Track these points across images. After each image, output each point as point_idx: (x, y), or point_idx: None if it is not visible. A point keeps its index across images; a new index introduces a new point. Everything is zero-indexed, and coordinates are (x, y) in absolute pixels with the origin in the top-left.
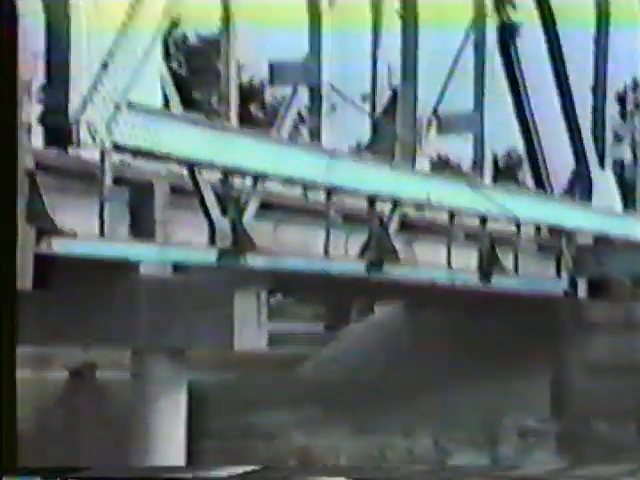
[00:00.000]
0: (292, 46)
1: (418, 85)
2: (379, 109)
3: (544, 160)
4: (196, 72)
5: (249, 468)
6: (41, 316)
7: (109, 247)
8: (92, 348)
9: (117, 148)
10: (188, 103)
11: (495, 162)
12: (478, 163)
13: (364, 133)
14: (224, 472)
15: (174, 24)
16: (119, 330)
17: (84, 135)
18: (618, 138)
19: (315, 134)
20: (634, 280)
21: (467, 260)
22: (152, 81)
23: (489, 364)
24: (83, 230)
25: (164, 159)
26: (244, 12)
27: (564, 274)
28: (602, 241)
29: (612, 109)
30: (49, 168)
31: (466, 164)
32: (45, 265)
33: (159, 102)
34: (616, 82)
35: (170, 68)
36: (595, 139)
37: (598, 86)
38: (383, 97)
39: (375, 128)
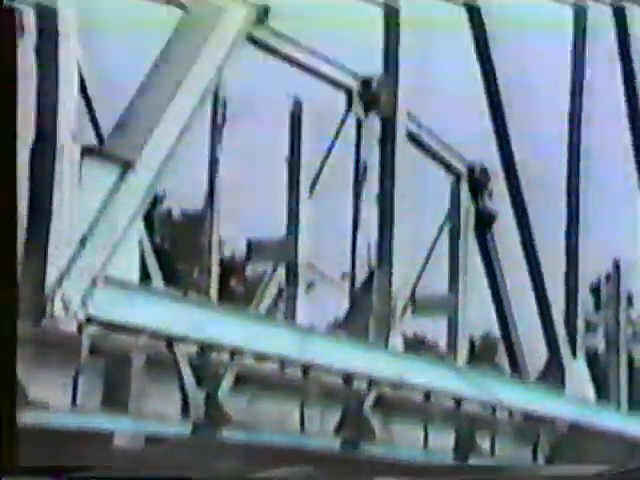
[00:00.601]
0: (274, 223)
1: (394, 265)
2: (357, 287)
3: (520, 345)
4: (179, 247)
5: None
6: None
7: (81, 418)
8: None
9: (92, 321)
10: (170, 277)
11: (471, 344)
12: (453, 344)
13: (341, 310)
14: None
15: (158, 200)
16: None
17: (58, 308)
18: (592, 328)
19: (292, 311)
20: (609, 468)
21: (443, 440)
22: (131, 256)
23: None
24: (57, 401)
25: (140, 333)
26: (228, 189)
27: (540, 459)
28: (576, 429)
29: (586, 298)
30: (23, 339)
31: (443, 344)
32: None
33: (137, 277)
34: (590, 272)
35: (153, 242)
36: (568, 328)
37: (570, 275)
38: (362, 275)
39: (351, 306)
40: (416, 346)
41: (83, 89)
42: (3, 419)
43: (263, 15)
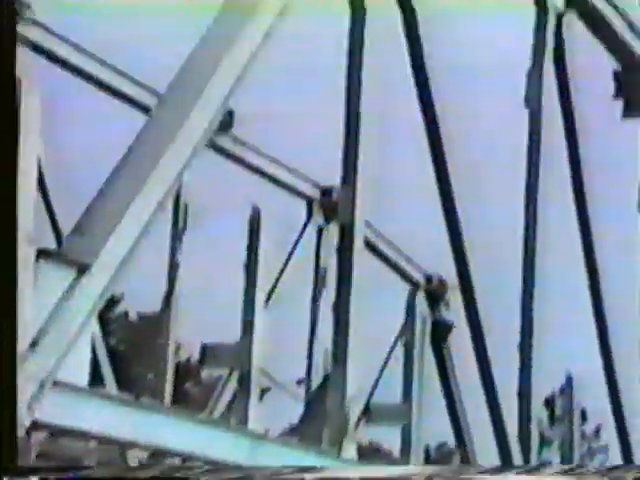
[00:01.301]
0: (231, 328)
1: (349, 372)
2: (312, 393)
3: (474, 456)
4: (134, 349)
5: None
6: None
7: None
8: None
9: (39, 426)
10: (124, 379)
11: (427, 453)
12: (407, 454)
13: (296, 416)
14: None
15: (116, 301)
16: None
17: None
18: (546, 442)
19: (244, 417)
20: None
21: None
22: (82, 359)
23: None
24: None
25: (89, 438)
26: (186, 293)
27: None
28: None
29: (541, 412)
30: None
31: (397, 453)
32: None
33: (86, 381)
34: (544, 386)
35: (108, 344)
36: (521, 442)
37: (524, 388)
38: (318, 381)
39: (305, 412)
40: (370, 454)
41: (43, 188)
42: (3, 419)
43: (227, 121)
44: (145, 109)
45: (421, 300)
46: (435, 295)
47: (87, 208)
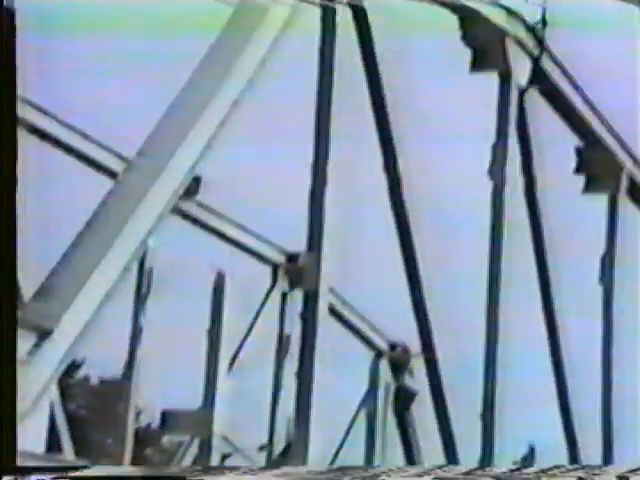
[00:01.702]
0: (193, 394)
1: (311, 439)
2: (274, 460)
3: None
4: (95, 414)
5: None
6: None
7: None
8: None
9: None
10: (84, 444)
11: None
12: None
13: None
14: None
15: (77, 365)
16: None
17: None
18: None
19: None
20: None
21: None
22: (40, 426)
23: None
24: None
25: None
26: (148, 358)
27: None
28: None
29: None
30: None
31: None
32: None
33: (43, 448)
34: (507, 454)
35: (67, 409)
36: None
37: (486, 458)
38: (280, 448)
39: None
40: None
41: None
42: (3, 419)
43: (193, 187)
44: (112, 174)
45: (385, 367)
46: (399, 363)
47: (50, 272)
